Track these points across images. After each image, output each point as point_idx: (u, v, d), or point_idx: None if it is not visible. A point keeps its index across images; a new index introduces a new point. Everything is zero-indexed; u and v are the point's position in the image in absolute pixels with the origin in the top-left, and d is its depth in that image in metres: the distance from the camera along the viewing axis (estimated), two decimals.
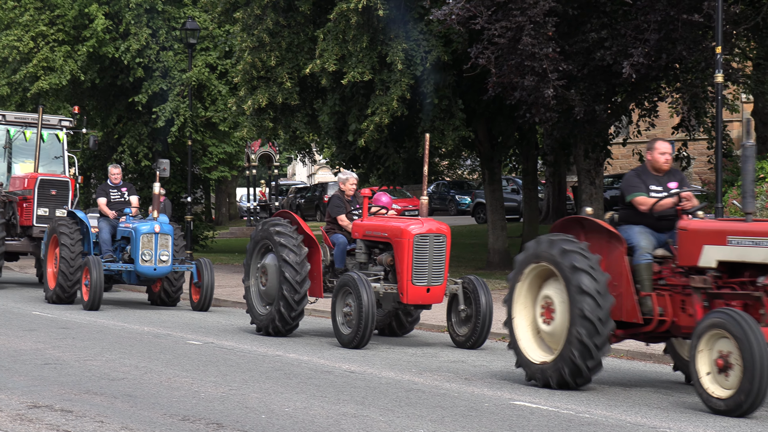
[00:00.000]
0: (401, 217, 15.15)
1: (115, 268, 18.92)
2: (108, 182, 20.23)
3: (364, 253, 14.54)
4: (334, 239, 15.03)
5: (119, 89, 35.04)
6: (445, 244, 13.99)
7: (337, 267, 14.89)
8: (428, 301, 14.02)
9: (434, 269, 13.86)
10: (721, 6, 16.85)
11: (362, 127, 23.79)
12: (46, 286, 19.86)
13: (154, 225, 18.72)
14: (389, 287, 13.90)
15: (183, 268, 19.39)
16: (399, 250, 13.80)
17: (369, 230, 14.43)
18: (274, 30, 25.29)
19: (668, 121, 29.59)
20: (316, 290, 14.77)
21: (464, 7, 19.84)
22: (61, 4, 32.36)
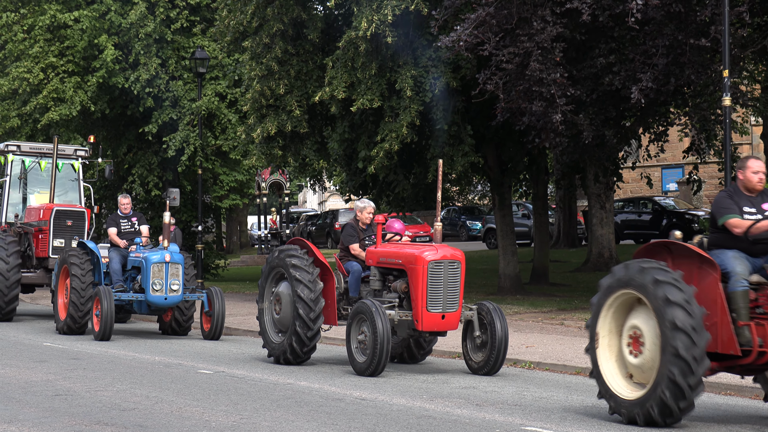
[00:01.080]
0: (415, 244, 15.01)
1: (125, 297, 18.90)
2: (118, 212, 20.21)
3: (379, 280, 14.49)
4: (349, 267, 14.95)
5: (129, 119, 35.18)
6: (460, 271, 13.93)
7: (352, 295, 14.81)
8: (443, 327, 13.94)
9: (449, 296, 13.81)
10: (728, 30, 16.89)
11: (372, 154, 23.82)
12: (57, 317, 19.84)
13: (165, 254, 18.70)
14: (404, 314, 13.86)
15: (194, 297, 19.37)
16: (413, 277, 13.77)
17: (383, 257, 14.37)
18: (283, 58, 25.38)
19: (678, 144, 29.57)
20: (330, 318, 14.71)
21: (472, 34, 19.88)
22: (71, 36, 32.55)
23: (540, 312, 21.55)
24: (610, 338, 10.23)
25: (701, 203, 45.36)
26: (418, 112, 23.18)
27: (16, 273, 21.72)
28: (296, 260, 14.42)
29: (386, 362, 13.47)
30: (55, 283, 20.00)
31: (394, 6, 22.33)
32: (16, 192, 24.14)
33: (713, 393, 12.68)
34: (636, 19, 18.55)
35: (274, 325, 15.02)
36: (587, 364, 14.41)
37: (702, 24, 19.47)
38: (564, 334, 18.07)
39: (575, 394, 12.32)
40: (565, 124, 20.40)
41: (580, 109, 21.02)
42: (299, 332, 14.27)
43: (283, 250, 14.82)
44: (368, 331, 13.42)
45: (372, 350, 13.34)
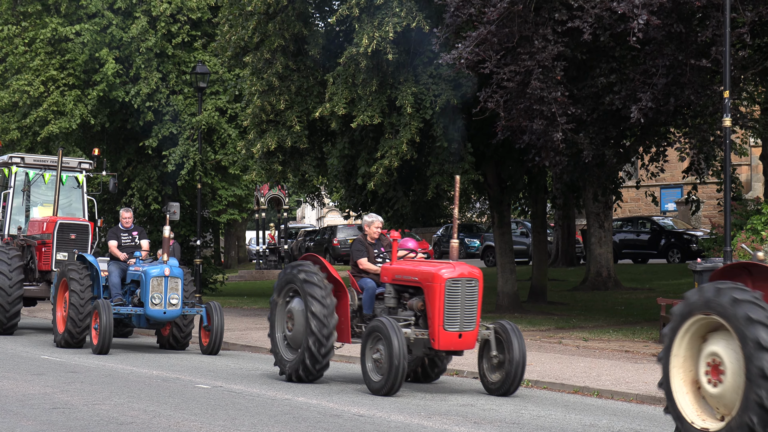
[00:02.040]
0: (432, 261, 14.77)
1: (124, 311, 18.82)
2: (119, 226, 20.08)
3: (394, 297, 14.22)
4: (362, 284, 14.62)
5: (129, 133, 35.21)
6: (477, 289, 13.66)
7: (365, 312, 14.49)
8: (460, 347, 13.69)
9: (466, 314, 13.55)
10: (728, 51, 16.93)
11: (371, 171, 23.84)
12: (55, 330, 19.71)
13: (164, 268, 18.63)
14: (420, 333, 13.59)
15: (193, 311, 19.31)
16: (430, 295, 13.51)
17: (399, 274, 14.10)
18: (284, 74, 25.43)
19: (677, 164, 29.61)
20: (344, 335, 14.42)
21: (473, 51, 19.93)
22: (72, 49, 32.61)
23: (538, 330, 21.53)
24: (686, 369, 9.42)
25: (699, 223, 45.39)
26: (418, 129, 23.22)
27: (19, 288, 21.58)
28: (309, 276, 14.16)
29: (402, 381, 13.23)
30: (54, 296, 19.89)
31: (396, 23, 22.39)
32: (19, 205, 23.97)
33: None
34: (637, 38, 18.60)
35: (286, 342, 14.78)
36: (585, 383, 14.44)
37: (703, 45, 19.53)
38: (562, 353, 18.06)
39: (573, 413, 12.30)
40: (566, 143, 20.44)
41: (581, 128, 21.06)
42: (312, 349, 14.01)
43: (295, 266, 14.55)
44: (384, 350, 13.16)
45: (388, 369, 13.07)
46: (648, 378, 14.88)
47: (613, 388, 14.13)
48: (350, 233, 53.60)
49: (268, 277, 45.49)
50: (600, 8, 19.31)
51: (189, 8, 32.81)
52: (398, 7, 22.54)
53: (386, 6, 22.69)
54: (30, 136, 33.47)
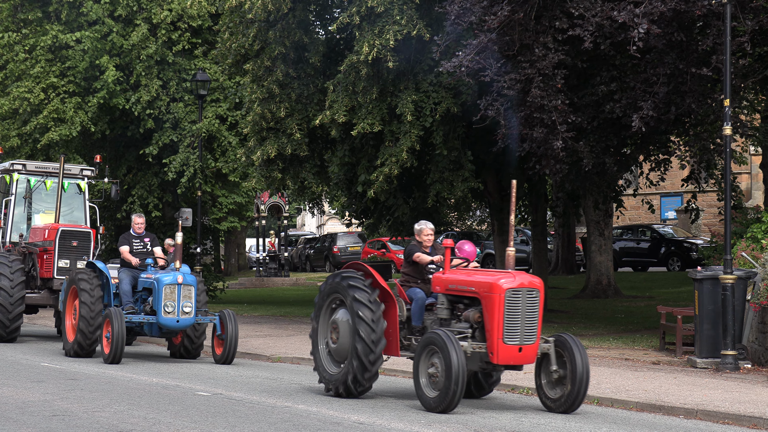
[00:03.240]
0: (489, 270, 14.00)
1: (136, 320, 18.36)
2: (131, 231, 19.64)
3: (447, 308, 13.38)
4: (411, 294, 13.80)
5: (129, 140, 35.23)
6: (539, 300, 12.84)
7: (414, 324, 13.69)
8: (520, 361, 12.85)
9: (527, 327, 12.69)
10: (729, 60, 16.97)
11: (371, 178, 23.86)
12: (65, 339, 19.28)
13: (177, 276, 18.22)
14: (477, 346, 12.75)
15: (206, 319, 18.85)
16: (489, 306, 12.69)
17: (453, 284, 13.28)
18: (284, 81, 25.45)
19: (677, 173, 29.64)
20: (392, 348, 13.61)
21: (474, 59, 19.95)
22: (72, 56, 32.63)
23: None
24: None
25: (699, 232, 45.39)
26: (419, 137, 23.23)
27: (21, 290, 21.50)
28: (355, 282, 13.48)
29: (460, 398, 12.40)
30: (63, 303, 19.45)
31: (396, 31, 22.42)
32: (21, 211, 23.91)
33: None
34: (637, 47, 18.62)
35: (330, 357, 14.05)
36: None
37: (703, 53, 19.55)
38: None
39: (573, 421, 12.29)
40: (566, 151, 20.45)
41: (581, 136, 21.07)
42: (361, 357, 13.27)
43: (341, 275, 13.79)
44: (440, 364, 12.35)
45: (445, 385, 12.26)
46: (648, 386, 14.88)
47: (613, 396, 14.11)
48: (350, 241, 53.62)
49: (268, 285, 45.48)
50: (601, 17, 19.33)
51: (190, 16, 32.85)
52: (399, 15, 22.57)
53: (387, 14, 22.72)
54: (30, 144, 33.48)
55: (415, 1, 22.72)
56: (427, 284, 13.84)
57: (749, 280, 17.39)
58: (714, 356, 17.07)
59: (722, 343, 16.86)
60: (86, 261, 19.97)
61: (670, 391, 14.48)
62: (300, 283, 44.57)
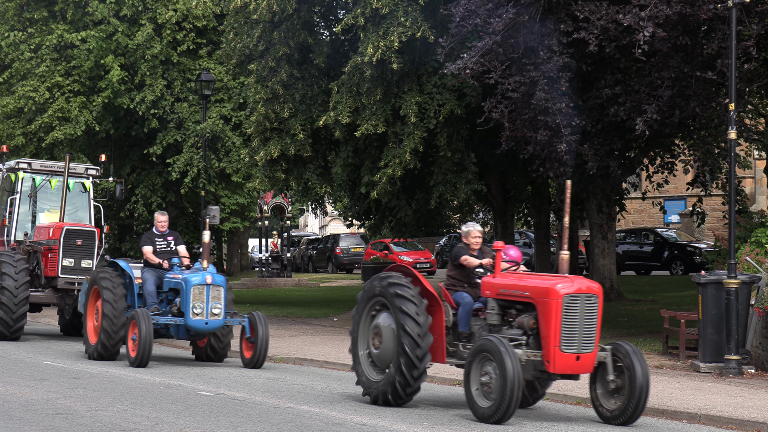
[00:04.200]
0: (543, 274, 13.40)
1: (163, 321, 17.57)
2: (153, 230, 18.80)
3: (497, 314, 12.78)
4: (458, 298, 13.22)
5: (134, 140, 35.28)
6: (597, 306, 12.24)
7: (461, 330, 13.11)
8: (577, 370, 12.23)
9: (585, 334, 12.07)
10: (734, 64, 16.96)
11: (375, 179, 23.86)
12: (87, 341, 18.58)
13: (206, 276, 17.46)
14: (532, 354, 12.13)
15: (235, 321, 18.04)
16: (545, 312, 12.05)
17: (505, 288, 12.66)
18: (288, 82, 25.47)
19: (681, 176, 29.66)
20: (438, 355, 12.97)
21: (478, 62, 19.96)
22: (78, 56, 32.69)
23: None
24: None
25: (703, 236, 45.38)
26: (422, 139, 23.24)
27: (25, 290, 21.48)
28: (402, 290, 12.82)
29: (516, 408, 11.77)
30: (85, 304, 18.72)
31: (401, 33, 22.44)
32: (26, 210, 23.91)
33: None
34: (642, 50, 18.62)
35: (370, 361, 13.44)
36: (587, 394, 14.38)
37: (708, 57, 19.55)
38: None
39: (575, 424, 12.29)
40: (570, 154, 20.45)
41: (585, 139, 21.07)
42: (404, 371, 12.65)
43: (385, 278, 13.18)
44: (494, 373, 11.76)
45: (500, 394, 11.64)
46: (651, 390, 14.85)
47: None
48: (353, 242, 53.62)
49: (271, 285, 45.48)
50: (606, 20, 19.34)
51: (194, 16, 32.90)
52: (403, 17, 22.59)
53: (391, 16, 22.74)
54: (35, 142, 33.54)
55: (420, 3, 22.74)
56: (474, 288, 13.32)
57: (753, 285, 17.37)
58: (717, 361, 17.05)
59: (726, 347, 16.84)
60: (108, 260, 19.12)
61: (673, 395, 14.47)
62: (302, 284, 44.58)
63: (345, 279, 46.45)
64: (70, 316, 24.21)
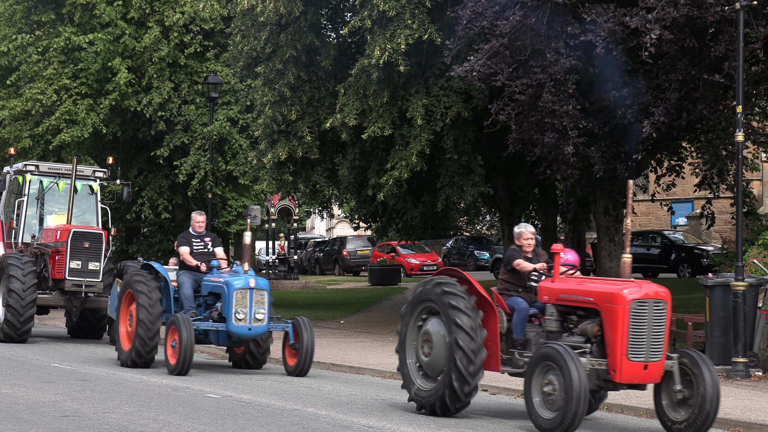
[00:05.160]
0: (606, 279, 12.90)
1: (204, 327, 16.73)
2: (190, 230, 17.96)
3: (556, 320, 12.18)
4: (512, 303, 12.66)
5: (141, 142, 35.34)
6: (666, 312, 11.60)
7: (516, 336, 12.53)
8: (645, 380, 11.65)
9: (653, 342, 11.48)
10: (741, 66, 16.95)
11: (381, 182, 23.87)
12: (119, 348, 17.73)
13: (249, 279, 16.69)
14: (597, 362, 11.56)
15: (278, 327, 17.25)
16: (611, 319, 11.45)
17: (566, 293, 12.08)
18: (296, 84, 25.49)
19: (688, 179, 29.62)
20: (492, 363, 12.47)
21: (485, 64, 19.95)
22: (85, 58, 32.75)
23: None
24: None
25: (710, 238, 45.31)
26: (429, 141, 23.24)
27: (32, 293, 21.50)
28: (455, 298, 12.24)
29: (581, 420, 11.22)
30: (116, 311, 17.92)
31: (408, 35, 22.43)
32: (33, 212, 23.94)
33: None
34: (650, 53, 18.60)
35: (420, 371, 12.84)
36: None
37: (715, 59, 19.53)
38: None
39: (591, 430, 12.28)
40: (577, 157, 20.44)
41: (592, 141, 21.06)
42: (455, 386, 12.12)
43: (437, 282, 12.58)
44: (558, 383, 11.16)
45: (564, 405, 11.03)
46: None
47: (623, 402, 14.10)
48: (360, 244, 53.62)
49: (278, 288, 45.49)
50: (613, 22, 19.32)
51: (202, 18, 32.95)
52: (410, 19, 22.59)
53: (398, 18, 22.74)
54: (42, 145, 33.59)
55: (427, 6, 22.74)
56: (528, 293, 12.76)
57: (761, 288, 17.35)
58: (725, 363, 17.02)
59: (733, 350, 16.82)
60: (143, 262, 18.42)
61: None
62: (309, 287, 44.60)
63: (352, 281, 46.45)
64: (78, 318, 24.25)
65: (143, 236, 38.68)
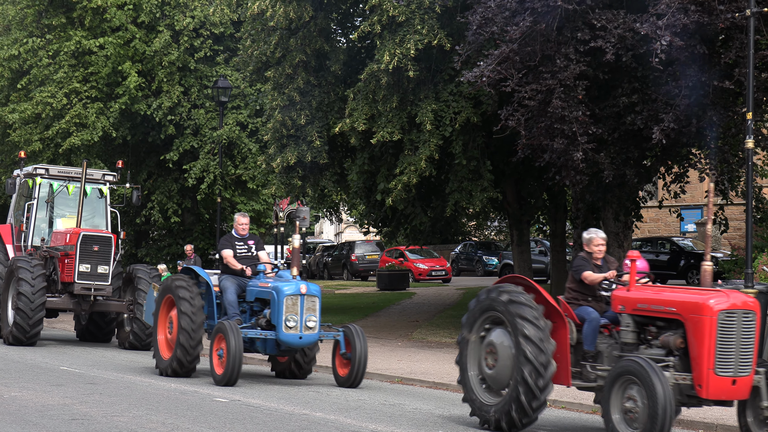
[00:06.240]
0: (689, 288, 12.08)
1: (252, 335, 15.93)
2: (233, 233, 17.17)
3: (633, 331, 11.49)
4: (582, 313, 11.98)
5: (150, 146, 35.40)
6: (755, 323, 10.95)
7: (587, 348, 11.86)
8: (733, 396, 10.95)
9: (742, 355, 10.81)
10: (752, 73, 16.92)
11: (390, 187, 23.88)
12: (158, 356, 17.04)
13: (300, 285, 15.90)
14: (680, 377, 10.85)
15: (329, 335, 16.46)
16: (697, 331, 10.77)
17: (645, 303, 11.37)
18: (305, 89, 25.51)
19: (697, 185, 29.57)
20: (562, 376, 11.78)
21: (495, 70, 19.94)
22: (95, 62, 32.83)
23: None
24: None
25: (719, 245, 45.24)
26: (438, 146, 23.24)
27: (41, 296, 21.54)
28: (522, 308, 11.59)
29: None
30: (155, 315, 17.23)
31: (417, 40, 22.45)
32: (43, 216, 23.99)
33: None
34: (660, 59, 18.59)
35: (484, 385, 12.18)
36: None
37: (726, 66, 19.51)
38: None
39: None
40: (586, 163, 20.42)
41: (602, 147, 21.04)
42: (522, 402, 11.42)
43: (497, 289, 11.94)
44: (640, 398, 10.48)
45: (648, 423, 10.37)
46: None
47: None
48: (368, 249, 53.60)
49: None
50: (623, 29, 19.32)
51: (212, 23, 33.02)
52: (420, 25, 22.60)
53: (408, 23, 22.76)
54: (52, 148, 33.67)
55: (437, 11, 22.76)
56: (598, 302, 12.16)
57: None
58: None
59: None
60: (183, 266, 17.68)
61: None
62: None
63: (360, 286, 46.43)
64: (86, 321, 24.28)
65: (152, 240, 38.73)
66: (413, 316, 30.32)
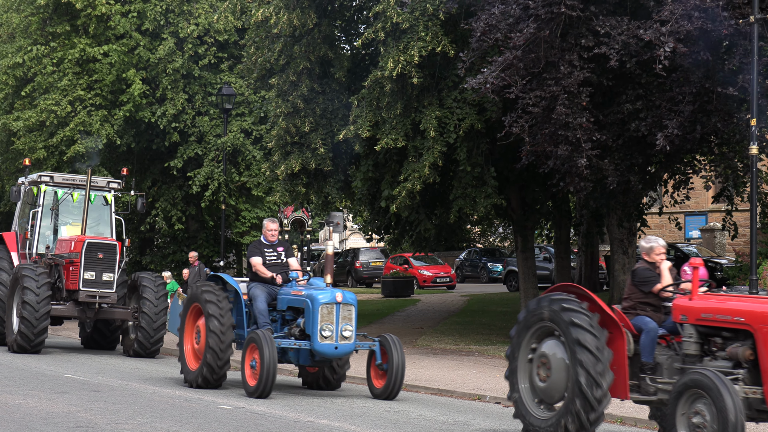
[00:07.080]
0: (757, 297, 11.54)
1: (285, 345, 15.32)
2: (261, 239, 16.65)
3: (696, 342, 10.85)
4: (639, 323, 11.35)
5: (154, 153, 35.44)
6: None
7: (644, 360, 11.21)
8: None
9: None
10: (756, 79, 16.93)
11: (394, 193, 23.88)
12: (185, 367, 16.52)
13: (335, 293, 15.31)
14: (750, 390, 10.27)
15: (365, 346, 15.82)
16: None
17: (708, 313, 10.76)
18: (309, 96, 25.53)
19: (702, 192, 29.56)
20: (619, 389, 11.07)
21: (499, 76, 19.97)
22: (100, 69, 32.89)
23: None
24: None
25: (724, 251, 45.19)
26: (442, 153, 23.24)
27: (46, 305, 21.51)
28: (577, 316, 10.97)
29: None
30: (181, 324, 16.75)
31: (421, 47, 22.47)
32: (47, 223, 23.98)
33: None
34: (663, 66, 18.60)
35: (535, 398, 11.54)
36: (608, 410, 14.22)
37: (729, 72, 19.51)
38: None
39: None
40: (590, 169, 20.42)
41: (606, 154, 21.05)
42: (579, 416, 10.77)
43: (549, 298, 11.36)
44: (709, 413, 9.91)
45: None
46: None
47: (636, 415, 14.06)
48: (373, 256, 53.60)
49: None
50: (627, 35, 19.33)
51: (216, 30, 33.08)
52: (424, 32, 22.62)
53: (412, 30, 22.78)
54: (56, 156, 33.71)
55: (441, 18, 22.77)
56: (657, 312, 11.53)
57: None
58: None
59: None
60: (210, 273, 17.23)
61: None
62: None
63: (365, 293, 46.44)
64: (91, 329, 24.28)
65: (157, 247, 38.77)
66: (418, 323, 30.31)
